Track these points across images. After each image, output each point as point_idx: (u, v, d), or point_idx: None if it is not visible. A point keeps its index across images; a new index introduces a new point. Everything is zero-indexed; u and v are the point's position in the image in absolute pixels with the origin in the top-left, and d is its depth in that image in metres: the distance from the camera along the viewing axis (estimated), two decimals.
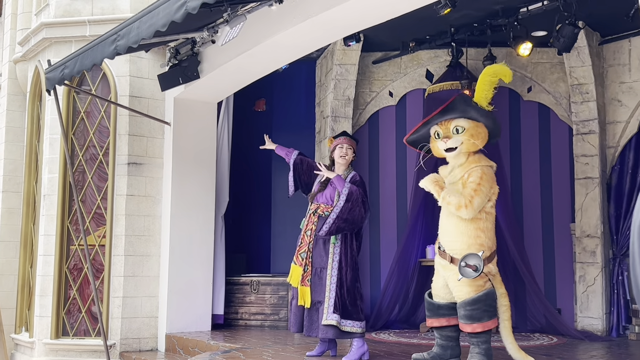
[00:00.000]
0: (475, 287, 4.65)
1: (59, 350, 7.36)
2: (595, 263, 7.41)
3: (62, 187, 7.50)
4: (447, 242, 4.81)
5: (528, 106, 8.11)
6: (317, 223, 5.43)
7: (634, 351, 6.32)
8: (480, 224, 4.75)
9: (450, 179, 4.91)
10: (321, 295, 5.30)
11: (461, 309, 4.69)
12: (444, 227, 4.86)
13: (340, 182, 5.41)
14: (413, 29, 7.51)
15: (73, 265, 7.51)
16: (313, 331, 5.33)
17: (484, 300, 4.65)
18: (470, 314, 4.63)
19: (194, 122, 7.66)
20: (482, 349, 4.66)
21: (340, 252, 5.34)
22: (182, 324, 7.39)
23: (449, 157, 4.96)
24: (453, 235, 4.77)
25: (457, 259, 4.69)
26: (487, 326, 4.65)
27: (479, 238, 4.72)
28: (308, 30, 5.60)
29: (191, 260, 7.51)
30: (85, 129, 7.63)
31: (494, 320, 4.69)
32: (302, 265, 5.40)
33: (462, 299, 4.68)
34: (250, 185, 9.11)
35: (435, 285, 4.97)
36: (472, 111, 4.89)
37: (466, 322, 4.66)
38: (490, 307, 4.68)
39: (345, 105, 8.11)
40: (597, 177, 7.46)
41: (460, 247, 4.72)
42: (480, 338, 4.67)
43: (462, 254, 4.68)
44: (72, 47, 7.52)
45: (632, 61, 7.56)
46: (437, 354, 4.96)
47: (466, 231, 4.72)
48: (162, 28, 4.79)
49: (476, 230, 4.73)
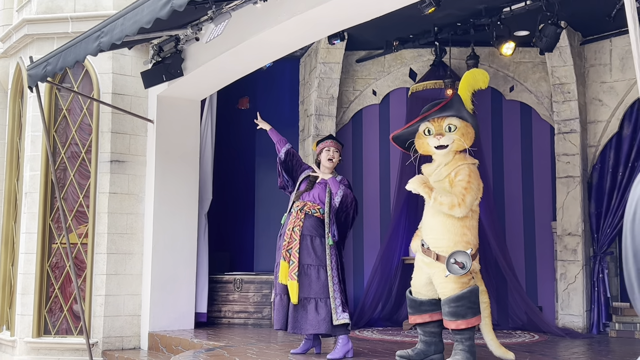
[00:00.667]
0: (460, 284, 4.69)
1: (40, 349, 7.31)
2: (576, 261, 7.48)
3: (44, 185, 7.45)
4: (433, 239, 4.82)
5: (510, 105, 8.17)
6: (304, 220, 5.47)
7: (615, 348, 6.40)
8: (467, 222, 4.78)
9: (435, 177, 4.93)
10: (311, 292, 5.32)
11: (445, 305, 4.72)
12: (430, 225, 4.87)
13: (335, 185, 5.53)
14: (397, 28, 7.53)
15: (55, 263, 7.46)
16: (298, 328, 5.35)
17: (468, 297, 4.68)
18: (455, 310, 4.66)
19: (177, 120, 7.63)
20: (466, 346, 4.69)
21: (336, 252, 5.45)
22: (165, 322, 7.37)
23: (437, 155, 4.98)
24: (439, 233, 4.78)
25: (442, 256, 4.72)
26: (471, 323, 4.68)
27: (465, 236, 4.76)
28: (293, 28, 5.60)
29: (174, 259, 7.48)
30: (68, 127, 7.58)
31: (477, 317, 4.73)
32: (288, 261, 5.42)
33: (447, 295, 4.71)
34: (234, 183, 9.09)
35: (416, 282, 4.99)
36: (464, 111, 4.94)
37: (450, 318, 4.69)
38: (474, 304, 4.71)
39: (329, 104, 8.12)
40: (578, 176, 7.53)
41: (446, 244, 4.74)
42: (464, 335, 4.70)
43: (448, 251, 4.71)
44: (55, 43, 7.47)
45: (613, 61, 7.63)
46: (421, 350, 4.99)
47: (453, 229, 4.74)
48: (147, 25, 4.77)
49: (463, 228, 4.76)
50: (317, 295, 5.32)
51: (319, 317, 5.27)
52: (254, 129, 9.09)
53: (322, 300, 5.30)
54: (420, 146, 5.06)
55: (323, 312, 5.28)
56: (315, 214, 5.48)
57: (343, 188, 5.52)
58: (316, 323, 5.27)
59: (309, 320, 5.28)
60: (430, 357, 4.94)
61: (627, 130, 7.47)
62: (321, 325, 5.26)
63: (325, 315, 5.27)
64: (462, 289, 4.69)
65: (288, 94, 8.95)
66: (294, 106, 8.85)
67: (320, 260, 5.38)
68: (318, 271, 5.36)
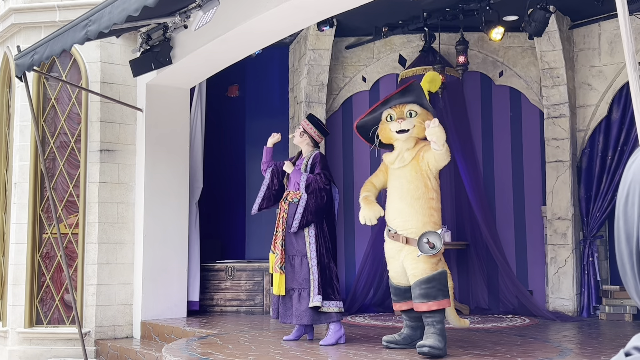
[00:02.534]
0: (430, 264, 4.75)
1: (33, 339, 7.30)
2: (566, 245, 7.52)
3: (34, 175, 7.42)
4: (401, 222, 4.88)
5: (499, 90, 8.18)
6: (287, 210, 5.48)
7: (605, 331, 6.45)
8: (433, 204, 4.89)
9: (398, 163, 4.99)
10: (294, 283, 5.35)
11: (416, 288, 4.75)
12: (396, 209, 4.93)
13: (297, 176, 5.48)
14: (386, 14, 7.52)
15: (46, 253, 7.44)
16: (287, 318, 5.38)
17: (439, 279, 4.75)
18: (427, 292, 4.71)
19: (166, 108, 7.60)
20: (438, 329, 4.73)
21: (316, 237, 5.38)
22: (158, 311, 7.37)
23: (398, 141, 5.03)
24: (407, 215, 4.85)
25: (412, 239, 4.77)
26: (442, 304, 4.74)
27: (432, 216, 4.86)
28: (281, 15, 5.58)
29: (166, 247, 7.48)
30: (56, 116, 7.54)
31: (448, 300, 4.79)
32: (275, 253, 5.45)
33: (418, 277, 4.75)
34: (224, 171, 9.08)
35: (393, 272, 5.03)
36: (425, 100, 5.03)
37: (422, 300, 4.73)
38: (444, 287, 4.78)
39: (318, 91, 8.11)
40: (568, 160, 7.56)
41: (415, 225, 4.81)
42: (435, 317, 4.74)
43: (417, 233, 4.77)
44: (42, 32, 7.41)
45: (601, 45, 7.65)
46: (407, 335, 5.07)
47: (421, 210, 4.83)
48: (135, 13, 4.74)
49: (430, 209, 4.86)
50: (300, 286, 5.35)
51: (301, 307, 5.31)
52: (243, 117, 9.10)
53: (305, 291, 5.32)
54: (383, 133, 5.13)
55: (305, 303, 5.30)
56: (297, 202, 5.47)
57: (304, 178, 5.42)
58: (299, 313, 5.30)
59: (294, 310, 5.32)
60: (417, 341, 4.96)
61: (616, 114, 7.50)
62: (303, 315, 5.28)
63: (307, 306, 5.29)
64: (433, 270, 4.74)
65: (278, 81, 8.93)
66: (283, 93, 8.84)
67: (302, 249, 5.39)
68: (301, 261, 5.38)
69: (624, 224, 0.75)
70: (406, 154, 4.99)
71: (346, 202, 8.09)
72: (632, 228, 0.74)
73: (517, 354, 4.92)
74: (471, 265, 7.91)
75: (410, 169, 4.92)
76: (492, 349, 5.10)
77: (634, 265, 0.74)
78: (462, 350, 5.06)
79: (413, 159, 4.94)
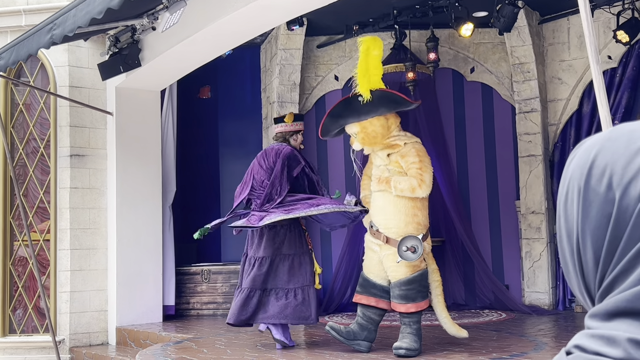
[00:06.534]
0: (411, 267, 4.69)
1: (6, 348, 7.19)
2: (541, 239, 7.56)
3: (3, 182, 7.31)
4: (382, 220, 4.79)
5: (471, 87, 8.21)
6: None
7: (580, 323, 6.49)
8: (417, 203, 4.78)
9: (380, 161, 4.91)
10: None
11: (396, 288, 4.71)
12: (380, 206, 4.83)
13: None
14: (356, 12, 7.51)
15: (17, 261, 7.33)
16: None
17: (419, 280, 4.70)
18: (405, 293, 4.67)
19: (137, 111, 7.52)
20: (414, 329, 4.71)
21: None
22: (133, 317, 7.29)
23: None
24: (390, 214, 4.75)
25: (392, 239, 4.70)
26: (420, 306, 4.70)
27: (416, 216, 4.76)
28: (250, 15, 5.54)
29: (139, 252, 7.40)
30: (25, 122, 7.43)
31: (426, 301, 4.76)
32: None
33: (398, 278, 4.70)
34: (198, 173, 9.01)
35: (368, 262, 4.94)
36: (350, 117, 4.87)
37: (400, 301, 4.69)
38: (424, 288, 4.74)
39: (291, 90, 8.08)
40: (540, 155, 7.60)
41: (396, 225, 4.73)
42: (413, 318, 4.71)
43: (398, 232, 4.69)
44: (8, 37, 7.30)
45: (571, 39, 7.70)
46: (352, 331, 4.87)
47: (404, 209, 4.73)
48: (98, 15, 4.67)
49: (414, 209, 4.75)
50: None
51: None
52: (216, 118, 9.04)
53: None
54: None
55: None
56: None
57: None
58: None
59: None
60: (358, 342, 4.85)
61: (587, 108, 7.55)
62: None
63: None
64: (413, 272, 4.69)
65: (249, 81, 8.88)
66: (255, 94, 8.79)
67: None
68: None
69: (565, 222, 0.74)
70: (380, 153, 4.91)
71: None
72: (572, 226, 0.73)
73: (492, 349, 4.93)
74: (447, 262, 7.92)
75: (392, 167, 4.84)
76: (468, 345, 5.11)
77: (575, 263, 0.73)
78: (439, 347, 5.06)
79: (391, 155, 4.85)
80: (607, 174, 0.69)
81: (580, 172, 0.72)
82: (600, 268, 0.70)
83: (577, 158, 0.74)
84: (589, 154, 0.72)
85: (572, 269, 0.74)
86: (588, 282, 0.72)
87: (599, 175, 0.70)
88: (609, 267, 0.69)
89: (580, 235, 0.71)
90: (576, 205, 0.71)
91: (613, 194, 0.68)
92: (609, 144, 0.71)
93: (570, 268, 0.74)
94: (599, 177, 0.70)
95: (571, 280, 0.76)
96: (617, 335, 0.65)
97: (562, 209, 0.75)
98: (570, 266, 0.74)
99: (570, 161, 0.76)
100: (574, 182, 0.73)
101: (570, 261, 0.74)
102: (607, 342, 0.65)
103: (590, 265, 0.71)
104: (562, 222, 0.74)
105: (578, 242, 0.72)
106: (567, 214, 0.73)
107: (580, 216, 0.71)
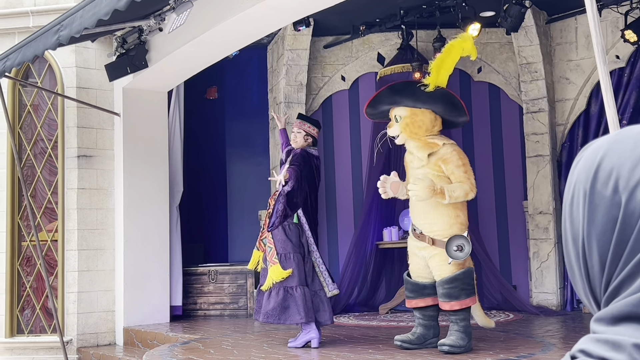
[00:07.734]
0: (454, 265, 4.70)
1: (14, 348, 7.22)
2: (548, 239, 7.54)
3: (11, 183, 7.33)
4: (426, 224, 4.81)
5: (478, 87, 8.18)
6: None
7: (588, 324, 6.43)
8: (458, 204, 4.80)
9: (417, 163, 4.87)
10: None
11: (440, 287, 4.74)
12: (420, 210, 4.83)
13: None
14: (363, 13, 7.50)
15: (25, 261, 7.36)
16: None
17: (462, 278, 4.69)
18: (448, 292, 4.68)
19: (144, 112, 7.53)
20: (461, 327, 4.72)
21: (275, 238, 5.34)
22: (140, 317, 7.30)
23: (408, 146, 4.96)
24: (433, 218, 4.77)
25: (438, 240, 4.71)
26: (465, 304, 4.69)
27: (458, 217, 4.79)
28: (256, 16, 5.54)
29: (147, 252, 7.41)
30: (33, 123, 7.46)
31: (472, 298, 4.74)
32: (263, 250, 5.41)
33: (441, 277, 4.73)
34: (205, 174, 9.02)
35: (415, 267, 4.96)
36: (407, 98, 4.86)
37: (444, 299, 4.71)
38: (468, 286, 4.72)
39: (298, 91, 8.07)
40: (548, 155, 7.57)
41: (441, 227, 4.75)
42: (459, 316, 4.72)
43: (443, 234, 4.72)
44: (16, 38, 7.32)
45: (578, 39, 7.67)
46: (421, 334, 4.97)
47: (447, 212, 4.75)
48: (105, 17, 4.68)
49: (455, 210, 4.78)
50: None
51: None
52: (223, 119, 9.05)
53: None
54: None
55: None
56: None
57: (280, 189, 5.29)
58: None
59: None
60: (429, 341, 4.94)
61: (595, 108, 7.52)
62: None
63: None
64: (456, 270, 4.70)
65: (256, 82, 8.89)
66: (262, 94, 8.79)
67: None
68: None
69: (570, 226, 0.73)
70: (419, 154, 4.87)
71: (328, 202, 8.07)
72: (577, 230, 0.72)
73: (500, 350, 4.92)
74: None
75: (431, 170, 4.81)
76: (475, 345, 5.09)
77: (581, 267, 0.72)
78: None
79: (431, 156, 4.82)
80: (613, 178, 0.68)
81: (586, 175, 0.71)
82: (606, 272, 0.69)
83: (583, 161, 0.73)
84: (595, 157, 0.71)
85: (578, 273, 0.73)
86: (594, 286, 0.72)
87: (605, 178, 0.69)
88: (615, 271, 0.68)
89: (586, 239, 0.70)
90: (582, 209, 0.71)
91: (619, 197, 0.67)
92: (615, 147, 0.70)
93: (575, 272, 0.74)
94: (605, 181, 0.69)
95: (577, 284, 0.75)
96: (622, 340, 0.64)
97: (567, 213, 0.74)
98: (576, 270, 0.74)
99: (576, 164, 0.75)
100: (579, 185, 0.72)
101: (576, 265, 0.73)
102: (613, 347, 0.65)
103: (596, 269, 0.70)
104: (568, 226, 0.74)
105: (584, 245, 0.71)
106: (572, 217, 0.73)
107: (586, 220, 0.70)
